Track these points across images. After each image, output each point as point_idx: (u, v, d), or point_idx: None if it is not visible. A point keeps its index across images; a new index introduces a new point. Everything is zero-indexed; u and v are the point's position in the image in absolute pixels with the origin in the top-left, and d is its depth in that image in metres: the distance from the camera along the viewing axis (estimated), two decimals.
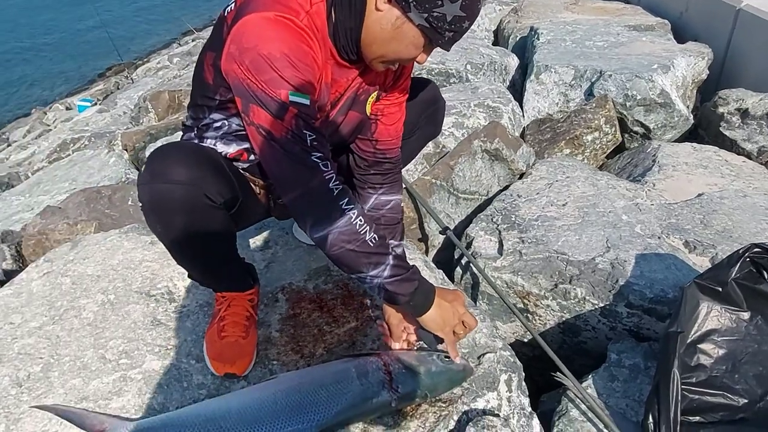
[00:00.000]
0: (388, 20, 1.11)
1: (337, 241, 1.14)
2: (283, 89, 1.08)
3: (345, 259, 1.17)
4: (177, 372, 1.40)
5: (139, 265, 1.70)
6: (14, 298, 1.61)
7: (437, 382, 1.30)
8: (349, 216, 1.14)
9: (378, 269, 1.18)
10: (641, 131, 3.17)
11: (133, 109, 5.18)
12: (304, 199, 1.15)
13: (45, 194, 2.69)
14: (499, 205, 2.18)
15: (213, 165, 1.23)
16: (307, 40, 1.12)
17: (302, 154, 1.11)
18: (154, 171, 1.16)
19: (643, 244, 1.87)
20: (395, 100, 1.44)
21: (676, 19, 4.43)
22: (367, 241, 1.16)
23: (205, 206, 1.18)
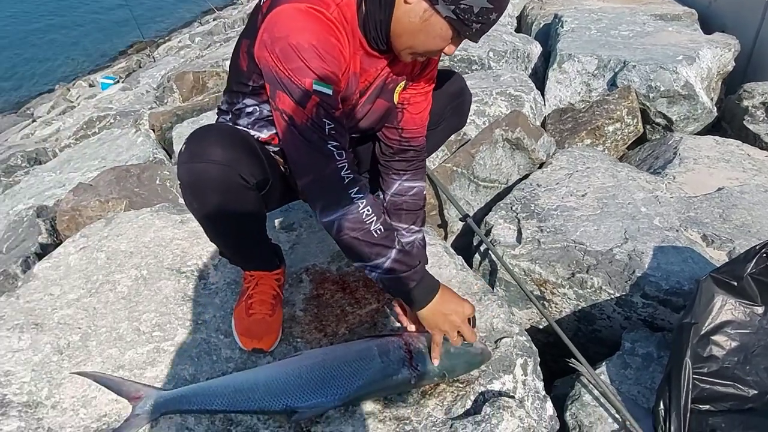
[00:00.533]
0: (416, 12, 1.14)
1: (343, 227, 1.19)
2: (308, 78, 1.13)
3: (348, 246, 1.22)
4: (206, 345, 1.47)
5: (170, 243, 1.77)
6: (53, 271, 1.68)
7: (455, 363, 1.35)
8: (357, 204, 1.19)
9: (378, 260, 1.22)
10: (663, 123, 3.17)
11: (157, 89, 5.25)
12: (316, 185, 1.20)
13: (75, 171, 2.77)
14: (519, 194, 2.21)
15: (247, 147, 1.28)
16: (335, 32, 1.16)
17: (319, 141, 1.16)
18: (192, 151, 1.22)
19: (661, 236, 1.89)
20: (422, 89, 1.47)
21: (704, 9, 4.37)
22: (371, 231, 1.20)
23: (238, 186, 1.24)
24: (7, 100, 11.01)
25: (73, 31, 15.42)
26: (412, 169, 1.59)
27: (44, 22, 16.29)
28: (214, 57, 4.70)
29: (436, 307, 1.29)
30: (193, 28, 12.02)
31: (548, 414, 1.42)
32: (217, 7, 12.46)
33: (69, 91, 9.45)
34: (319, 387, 1.29)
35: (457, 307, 1.30)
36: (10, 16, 17.00)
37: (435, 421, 1.29)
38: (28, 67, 12.87)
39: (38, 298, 1.59)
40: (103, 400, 1.33)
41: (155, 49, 10.34)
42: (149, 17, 14.45)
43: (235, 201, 1.28)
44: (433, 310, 1.29)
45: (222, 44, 6.48)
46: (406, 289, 1.25)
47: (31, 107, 9.54)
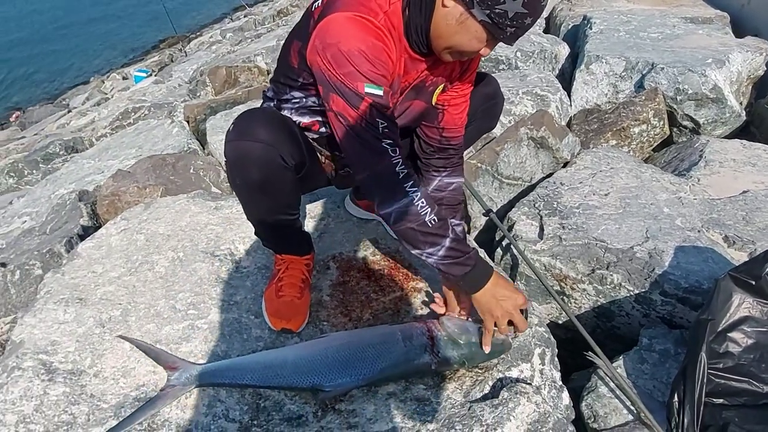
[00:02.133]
0: (453, 15, 1.20)
1: (400, 219, 1.28)
2: (360, 82, 1.20)
3: (405, 236, 1.30)
4: (238, 325, 1.55)
5: (205, 228, 1.86)
6: (95, 251, 1.78)
7: (476, 351, 1.40)
8: (412, 197, 1.27)
9: (434, 248, 1.30)
10: (690, 126, 3.16)
11: (190, 83, 5.38)
12: (373, 180, 1.29)
13: (113, 159, 2.88)
14: (542, 191, 2.25)
15: (289, 131, 1.38)
16: (382, 38, 1.24)
17: (374, 140, 1.24)
18: (239, 130, 1.32)
19: (683, 236, 1.92)
20: (461, 92, 1.54)
21: (736, 12, 4.33)
22: (426, 222, 1.27)
23: (279, 165, 1.32)
24: (43, 90, 11.37)
25: (107, 25, 15.79)
26: (451, 166, 1.65)
27: (78, 17, 16.71)
28: (245, 53, 4.81)
29: (489, 292, 1.35)
30: (224, 24, 12.23)
31: (564, 403, 1.47)
32: (248, 3, 12.66)
33: (103, 83, 9.72)
34: (345, 367, 1.35)
35: (511, 294, 1.37)
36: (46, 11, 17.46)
37: (454, 403, 1.35)
38: (63, 60, 13.24)
39: (82, 275, 1.68)
40: (141, 370, 1.41)
41: (187, 44, 10.55)
42: (181, 12, 14.71)
43: (275, 179, 1.36)
44: (487, 295, 1.35)
45: (253, 40, 6.59)
46: (462, 273, 1.32)
47: (67, 98, 9.84)
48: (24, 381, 1.37)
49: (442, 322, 1.43)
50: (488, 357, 1.43)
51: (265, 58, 4.30)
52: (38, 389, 1.35)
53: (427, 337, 1.40)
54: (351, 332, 1.49)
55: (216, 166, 2.55)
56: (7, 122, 9.60)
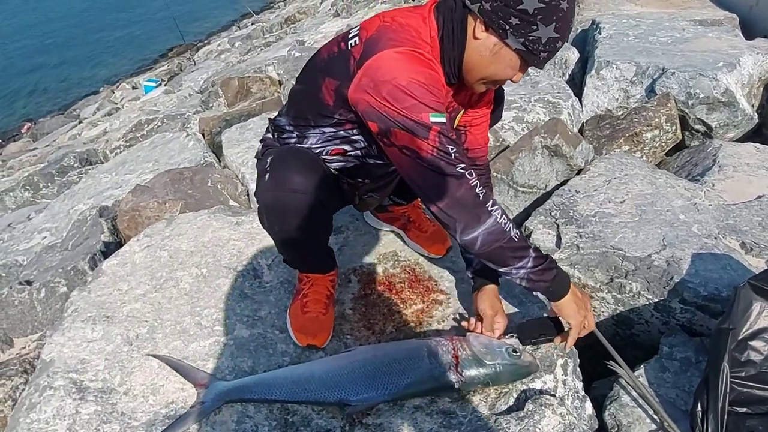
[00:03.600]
0: (486, 47, 1.23)
1: (487, 241, 1.27)
2: (425, 113, 1.21)
3: (494, 256, 1.30)
4: (263, 340, 1.58)
5: (227, 243, 1.89)
6: (120, 268, 1.81)
7: (501, 373, 1.41)
8: (495, 216, 1.27)
9: (523, 261, 1.30)
10: (702, 129, 3.16)
11: (201, 92, 5.43)
12: (454, 208, 1.26)
13: (131, 173, 2.92)
14: (558, 200, 2.26)
15: (321, 170, 1.40)
16: (435, 69, 1.26)
17: (448, 167, 1.23)
18: (276, 179, 1.35)
19: (700, 243, 1.93)
20: (482, 113, 1.57)
21: (745, 13, 4.32)
22: (512, 237, 1.28)
23: (318, 209, 1.36)
24: (53, 101, 11.50)
25: (115, 34, 15.94)
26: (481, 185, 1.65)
27: (86, 26, 16.88)
28: (256, 62, 4.85)
29: (573, 296, 1.40)
30: (231, 32, 12.32)
31: (587, 413, 1.48)
32: (255, 11, 12.75)
33: (113, 93, 9.82)
34: (371, 382, 1.37)
35: (585, 299, 1.44)
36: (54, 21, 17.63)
37: (480, 416, 1.36)
38: (72, 69, 13.39)
39: (108, 293, 1.72)
40: (170, 388, 1.44)
41: (195, 53, 10.64)
42: (188, 20, 14.84)
43: (313, 221, 1.40)
44: (572, 299, 1.40)
45: (262, 49, 6.65)
46: (552, 277, 1.35)
47: (78, 108, 9.95)
48: (56, 400, 1.40)
49: (468, 340, 1.44)
50: (513, 379, 1.44)
51: (276, 69, 4.34)
52: (70, 408, 1.38)
53: (452, 355, 1.41)
54: (376, 347, 1.51)
55: (233, 179, 2.58)
56: (18, 134, 9.73)
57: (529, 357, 1.43)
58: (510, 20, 1.16)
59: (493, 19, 1.18)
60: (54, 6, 18.84)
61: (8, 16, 18.36)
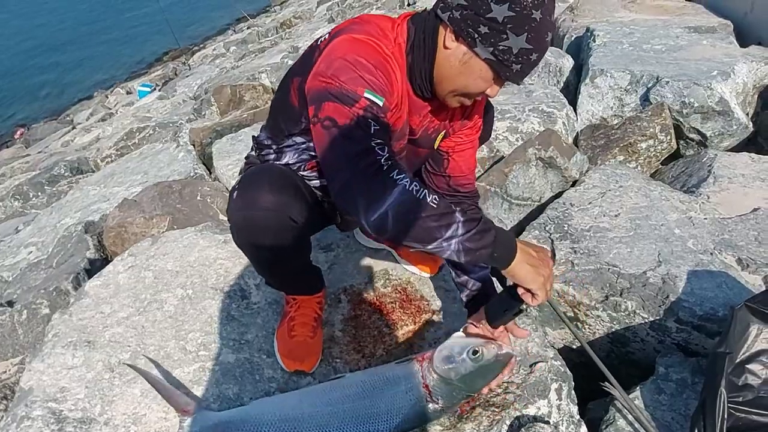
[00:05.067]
0: (456, 56, 1.17)
1: (399, 215, 1.07)
2: (361, 87, 1.13)
3: (414, 232, 1.09)
4: (250, 365, 1.53)
5: (214, 263, 1.85)
6: (103, 289, 1.77)
7: (473, 380, 1.32)
8: (403, 184, 1.08)
9: (451, 229, 1.09)
10: (697, 138, 3.14)
11: (195, 100, 5.39)
12: (355, 180, 1.09)
13: (119, 185, 2.88)
14: (552, 213, 2.23)
15: (294, 188, 1.34)
16: (390, 63, 1.20)
17: (363, 138, 1.10)
18: (245, 198, 1.29)
19: (695, 260, 1.89)
20: (466, 137, 1.50)
21: (739, 20, 4.31)
22: (430, 204, 1.08)
23: (289, 227, 1.30)
24: (47, 106, 11.43)
25: (109, 37, 15.88)
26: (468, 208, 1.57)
27: (80, 30, 16.81)
28: (249, 69, 4.81)
29: (525, 256, 1.18)
30: (227, 36, 12.28)
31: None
32: (250, 15, 12.71)
33: (107, 98, 9.77)
34: (360, 423, 1.31)
35: (541, 256, 1.21)
36: (47, 25, 17.56)
37: None
38: (66, 74, 13.32)
39: (90, 316, 1.67)
40: (152, 417, 1.40)
41: (190, 57, 10.60)
42: (183, 24, 14.80)
43: (285, 240, 1.34)
44: (524, 259, 1.17)
45: (257, 54, 6.61)
46: (492, 239, 1.12)
47: (71, 114, 9.89)
48: (34, 431, 1.35)
49: (432, 360, 1.34)
50: (491, 376, 1.34)
51: (270, 76, 4.30)
52: None
53: (423, 385, 1.33)
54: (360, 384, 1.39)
55: (223, 191, 2.54)
56: (11, 140, 9.66)
57: (493, 350, 1.30)
58: (479, 29, 1.11)
59: (462, 27, 1.13)
60: (48, 9, 18.76)
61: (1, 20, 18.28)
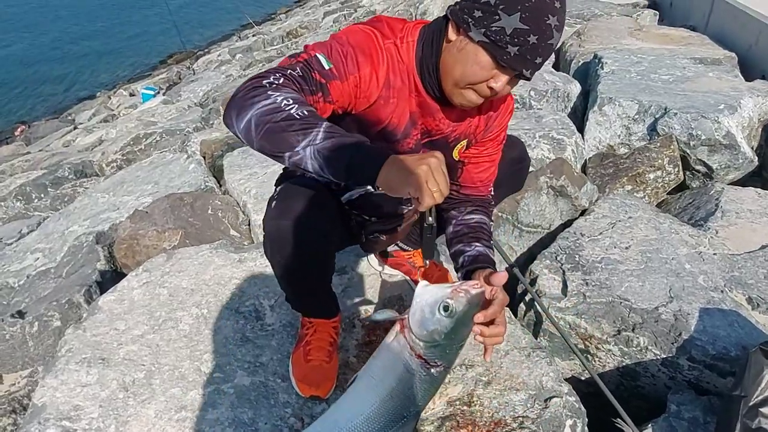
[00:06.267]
0: (455, 45, 1.18)
1: (260, 120, 1.04)
2: (319, 50, 1.17)
3: (275, 139, 1.03)
4: (265, 389, 1.53)
5: (229, 282, 1.84)
6: (117, 305, 1.76)
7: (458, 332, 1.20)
8: (275, 97, 1.05)
9: (310, 137, 1.02)
10: (703, 170, 3.17)
11: (202, 106, 5.39)
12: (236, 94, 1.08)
13: (129, 195, 2.87)
14: (563, 243, 2.24)
15: (328, 203, 1.36)
16: (377, 51, 1.22)
17: (272, 71, 1.12)
18: (281, 208, 1.31)
19: (706, 297, 1.91)
20: (484, 151, 1.49)
21: (744, 52, 4.37)
22: (293, 114, 1.03)
23: (320, 241, 1.32)
24: (48, 104, 11.38)
25: (113, 37, 15.87)
26: (473, 206, 1.54)
27: (84, 29, 16.79)
28: None
29: (392, 166, 1.01)
30: (232, 41, 12.29)
31: None
32: (255, 21, 12.74)
33: (110, 99, 9.74)
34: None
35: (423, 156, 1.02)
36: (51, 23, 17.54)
37: None
38: (69, 73, 13.28)
39: (104, 332, 1.66)
40: None
41: (195, 61, 10.60)
42: (189, 27, 14.79)
43: (315, 254, 1.36)
44: (392, 165, 1.01)
45: (263, 64, 6.62)
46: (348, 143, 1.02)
47: (73, 113, 9.85)
48: None
49: (411, 330, 1.20)
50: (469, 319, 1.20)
51: None
52: None
53: (416, 357, 1.21)
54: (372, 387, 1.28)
55: (234, 206, 2.54)
56: (11, 137, 9.60)
57: (462, 298, 1.15)
58: (474, 14, 1.12)
59: (459, 15, 1.15)
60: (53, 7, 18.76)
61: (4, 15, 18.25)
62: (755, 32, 4.44)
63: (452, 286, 1.18)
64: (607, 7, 6.45)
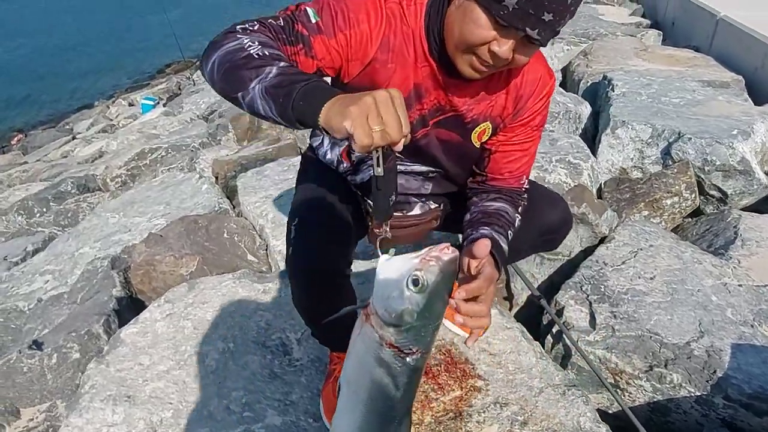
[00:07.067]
0: (454, 5, 1.12)
1: (222, 61, 1.00)
2: (310, 6, 1.13)
3: (228, 77, 0.99)
4: (296, 429, 1.49)
5: (254, 314, 1.80)
6: (140, 338, 1.72)
7: (432, 308, 0.96)
8: (242, 39, 1.02)
9: (262, 74, 0.95)
10: (718, 195, 3.17)
11: (207, 121, 5.34)
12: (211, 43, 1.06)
13: (140, 216, 2.82)
14: (587, 272, 2.22)
15: (344, 230, 1.30)
16: (377, 7, 1.17)
17: (250, 21, 1.09)
18: (300, 252, 1.26)
19: (737, 332, 1.89)
20: (515, 140, 1.34)
21: (750, 74, 4.39)
22: (252, 53, 0.99)
23: (342, 280, 1.30)
24: (46, 113, 11.28)
25: (110, 46, 15.81)
26: (496, 193, 1.40)
27: (82, 36, 16.74)
28: None
29: (334, 104, 0.88)
30: None
31: None
32: None
33: (108, 108, 9.67)
34: None
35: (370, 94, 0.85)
36: (49, 29, 17.48)
37: None
38: (67, 80, 13.19)
39: (128, 367, 1.62)
40: None
41: (194, 72, 10.55)
42: (188, 36, 14.73)
43: (338, 293, 1.32)
44: (330, 108, 0.88)
45: None
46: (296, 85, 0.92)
47: (71, 122, 9.76)
48: None
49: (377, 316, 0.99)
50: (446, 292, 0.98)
51: None
52: None
53: (387, 345, 0.99)
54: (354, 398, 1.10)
55: (250, 230, 2.50)
56: (8, 145, 9.49)
57: (433, 267, 0.94)
58: None
59: None
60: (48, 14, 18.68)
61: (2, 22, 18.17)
62: (761, 55, 4.46)
63: (419, 255, 0.97)
64: (611, 26, 6.48)
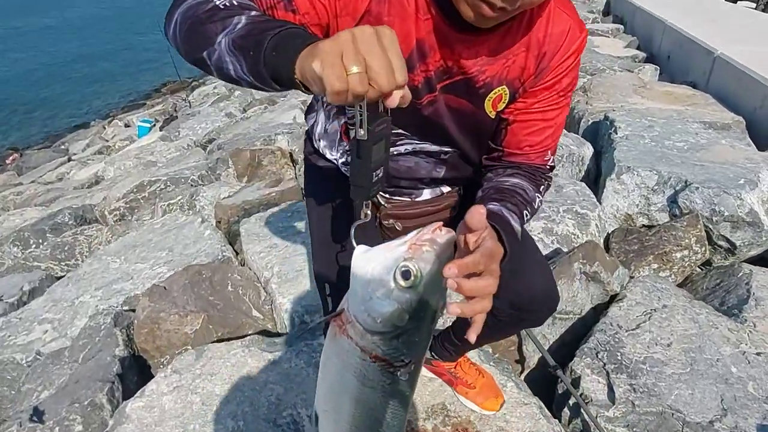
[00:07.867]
0: None
1: (184, 18, 0.89)
2: None
3: (191, 34, 0.88)
4: None
5: (264, 387, 1.74)
6: (147, 413, 1.65)
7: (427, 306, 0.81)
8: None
9: (229, 26, 0.83)
10: (726, 246, 3.15)
11: (205, 149, 5.30)
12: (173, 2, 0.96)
13: (142, 262, 2.75)
14: (602, 337, 2.18)
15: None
16: None
17: None
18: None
19: (761, 410, 1.85)
20: (536, 106, 1.15)
21: (749, 114, 4.41)
22: (218, 4, 0.88)
23: None
24: (42, 131, 11.20)
25: (105, 63, 15.81)
26: (513, 168, 1.21)
27: (77, 53, 16.72)
28: (264, 128, 4.76)
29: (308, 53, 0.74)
30: None
31: None
32: None
33: (104, 129, 9.60)
34: None
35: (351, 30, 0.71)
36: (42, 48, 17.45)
37: None
38: (61, 99, 13.15)
39: None
40: None
41: (190, 93, 10.51)
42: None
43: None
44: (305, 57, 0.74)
45: (266, 106, 6.57)
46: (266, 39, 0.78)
47: (66, 142, 9.68)
48: None
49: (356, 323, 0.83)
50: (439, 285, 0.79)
51: (290, 144, 4.25)
52: None
53: (372, 358, 0.84)
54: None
55: (254, 282, 2.44)
56: (3, 165, 9.38)
57: (428, 253, 0.78)
58: None
59: None
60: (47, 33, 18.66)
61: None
62: (760, 96, 4.50)
63: (406, 241, 0.79)
64: (608, 60, 6.54)
